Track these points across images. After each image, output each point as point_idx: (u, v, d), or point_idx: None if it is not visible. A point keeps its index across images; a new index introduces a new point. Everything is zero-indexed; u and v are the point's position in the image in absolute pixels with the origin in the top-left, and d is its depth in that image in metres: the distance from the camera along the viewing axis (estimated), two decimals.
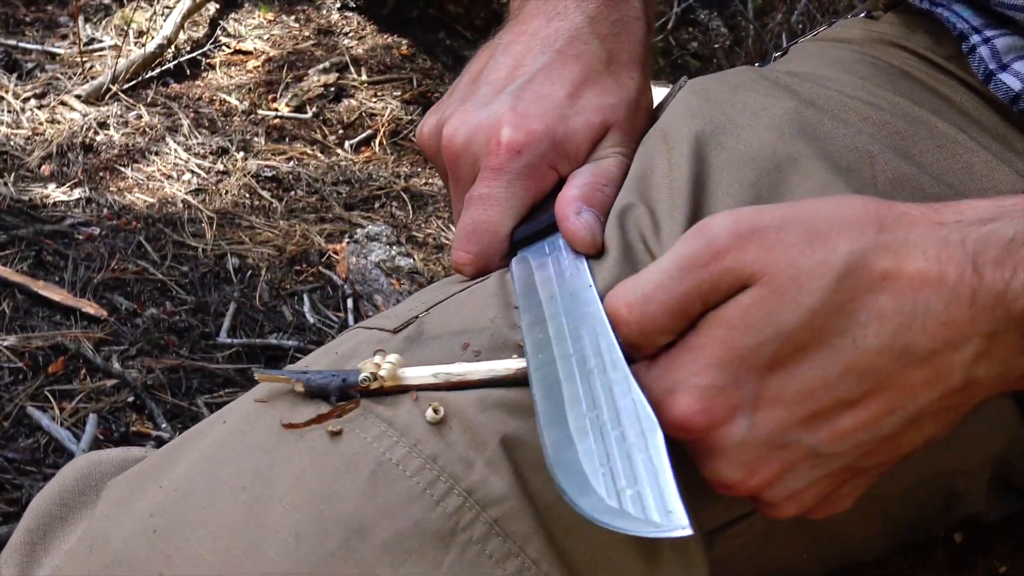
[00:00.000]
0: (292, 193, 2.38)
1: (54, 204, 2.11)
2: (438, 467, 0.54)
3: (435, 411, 0.55)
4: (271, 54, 2.96)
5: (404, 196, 2.46)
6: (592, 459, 0.51)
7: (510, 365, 0.57)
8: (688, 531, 0.47)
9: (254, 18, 3.16)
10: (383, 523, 0.53)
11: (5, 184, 2.13)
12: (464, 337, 0.59)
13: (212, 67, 2.88)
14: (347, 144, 2.68)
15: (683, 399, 0.53)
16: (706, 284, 0.52)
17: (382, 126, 2.74)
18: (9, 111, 2.42)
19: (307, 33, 3.10)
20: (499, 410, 0.56)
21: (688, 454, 0.56)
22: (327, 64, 2.91)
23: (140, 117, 2.50)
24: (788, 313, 0.51)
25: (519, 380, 0.57)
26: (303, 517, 0.53)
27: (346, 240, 2.15)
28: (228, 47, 2.97)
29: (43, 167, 2.25)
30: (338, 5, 3.24)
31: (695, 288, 0.53)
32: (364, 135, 2.72)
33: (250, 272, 2.02)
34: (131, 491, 0.58)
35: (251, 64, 2.92)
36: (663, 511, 0.48)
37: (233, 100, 2.72)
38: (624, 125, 0.72)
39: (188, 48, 2.89)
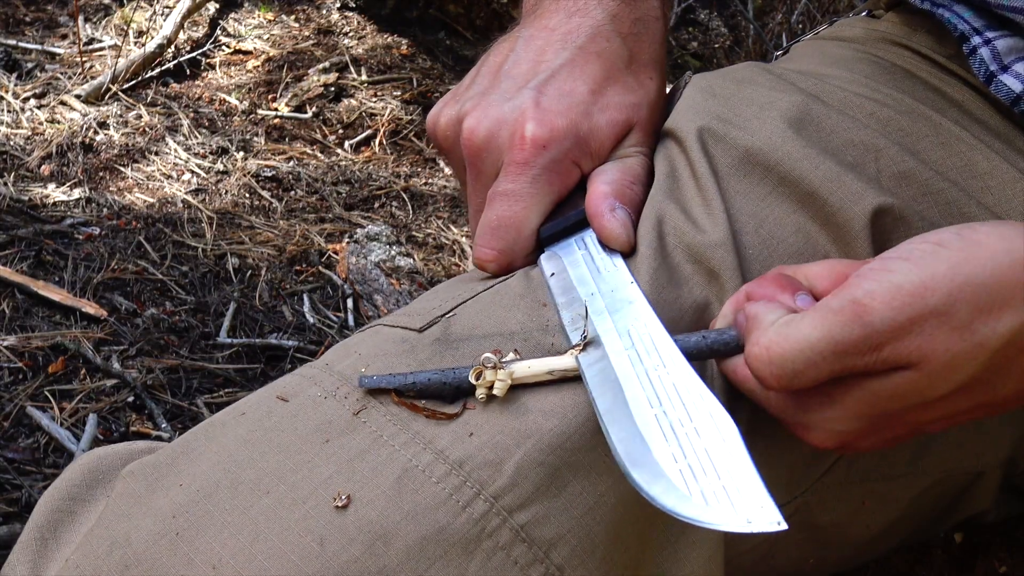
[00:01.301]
0: (292, 193, 2.38)
1: (54, 204, 2.11)
2: (464, 472, 0.54)
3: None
4: (271, 54, 2.96)
5: (404, 196, 2.46)
6: (667, 456, 0.50)
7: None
8: (784, 525, 0.47)
9: (254, 18, 3.15)
10: (408, 529, 0.52)
11: (5, 184, 2.12)
12: (495, 341, 0.59)
13: (212, 67, 2.87)
14: (347, 144, 2.68)
15: (820, 436, 0.56)
16: (859, 368, 0.53)
17: (382, 126, 2.74)
18: (9, 111, 2.42)
19: (307, 33, 3.10)
20: (531, 413, 0.55)
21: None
22: (327, 64, 2.91)
23: (140, 117, 2.50)
24: (938, 388, 0.53)
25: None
26: (327, 522, 0.52)
27: (346, 240, 2.14)
28: (228, 47, 2.97)
29: (43, 167, 2.25)
30: (338, 5, 3.23)
31: (847, 370, 0.53)
32: (364, 135, 2.72)
33: (250, 272, 2.02)
34: (149, 486, 0.57)
35: (251, 64, 2.92)
36: (754, 506, 0.47)
37: (233, 100, 2.72)
38: (645, 125, 0.72)
39: (188, 48, 2.88)
